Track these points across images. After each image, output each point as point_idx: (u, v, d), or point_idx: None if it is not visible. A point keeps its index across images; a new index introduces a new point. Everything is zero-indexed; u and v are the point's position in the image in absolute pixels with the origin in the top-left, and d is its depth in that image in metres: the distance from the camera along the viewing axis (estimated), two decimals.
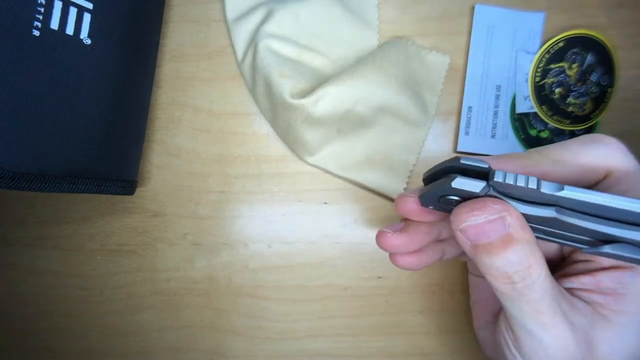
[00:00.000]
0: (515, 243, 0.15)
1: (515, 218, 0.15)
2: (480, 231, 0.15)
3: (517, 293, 0.16)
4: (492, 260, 0.16)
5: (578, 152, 0.16)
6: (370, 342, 0.32)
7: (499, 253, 0.16)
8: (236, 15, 0.32)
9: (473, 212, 0.15)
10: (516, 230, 0.15)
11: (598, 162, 0.16)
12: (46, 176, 0.24)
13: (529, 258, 0.15)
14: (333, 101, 0.29)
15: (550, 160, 0.16)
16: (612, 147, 0.16)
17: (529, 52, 0.31)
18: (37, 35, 0.23)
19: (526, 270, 0.16)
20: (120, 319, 0.33)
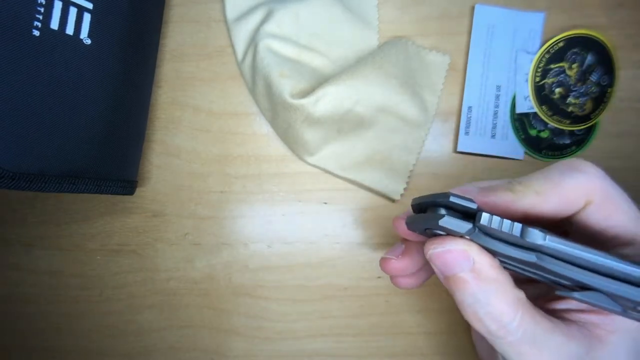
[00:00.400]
0: (481, 281, 0.16)
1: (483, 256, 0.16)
2: (444, 261, 0.16)
3: (493, 336, 0.16)
4: (462, 297, 0.16)
5: (558, 183, 0.16)
6: (370, 342, 0.32)
7: (465, 289, 0.16)
8: (236, 15, 0.32)
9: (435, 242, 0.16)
10: (483, 268, 0.16)
11: (577, 192, 0.16)
12: (46, 176, 0.24)
13: (499, 302, 0.16)
14: (333, 101, 0.29)
15: (534, 192, 0.16)
16: (590, 175, 0.17)
17: (529, 52, 0.31)
18: (37, 35, 0.23)
19: (498, 315, 0.16)
20: (120, 319, 0.33)
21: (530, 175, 0.17)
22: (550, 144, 0.31)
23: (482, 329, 0.16)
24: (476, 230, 0.16)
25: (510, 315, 0.16)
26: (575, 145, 0.31)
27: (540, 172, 0.17)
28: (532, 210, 0.16)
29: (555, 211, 0.17)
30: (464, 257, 0.16)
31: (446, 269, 0.16)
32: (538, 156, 0.31)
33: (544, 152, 0.31)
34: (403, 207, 0.32)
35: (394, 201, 0.32)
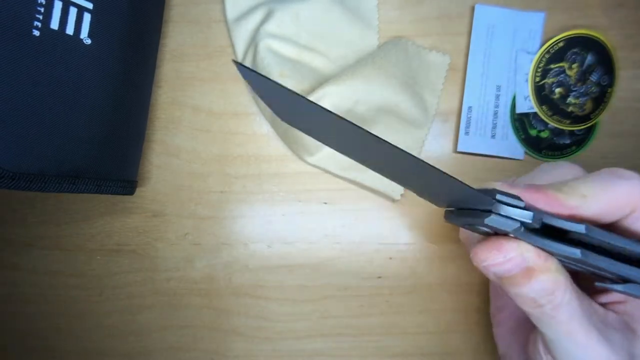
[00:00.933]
0: (537, 274, 0.16)
1: (533, 253, 0.16)
2: (500, 269, 0.17)
3: (547, 316, 0.17)
4: (517, 290, 0.17)
5: (605, 188, 0.17)
6: (370, 342, 0.32)
7: (523, 284, 0.17)
8: (236, 15, 0.32)
9: (491, 252, 0.17)
10: (536, 263, 0.16)
11: (624, 198, 0.17)
12: (46, 176, 0.24)
13: (552, 285, 0.17)
14: (333, 101, 0.29)
15: (580, 195, 0.17)
16: (633, 182, 0.17)
17: (529, 52, 0.31)
18: (37, 35, 0.23)
19: (552, 295, 0.17)
20: (120, 319, 0.33)
21: (573, 179, 0.18)
22: (550, 144, 0.31)
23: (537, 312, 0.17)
24: (522, 229, 0.16)
25: (561, 295, 0.17)
26: (575, 145, 0.31)
27: (584, 177, 0.18)
28: (576, 211, 0.17)
29: (599, 215, 0.17)
30: (520, 261, 0.16)
31: (503, 274, 0.17)
32: (538, 156, 0.31)
33: (544, 152, 0.31)
34: (403, 206, 0.32)
35: (394, 201, 0.32)
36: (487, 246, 0.17)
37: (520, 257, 0.16)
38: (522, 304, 0.18)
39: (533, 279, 0.17)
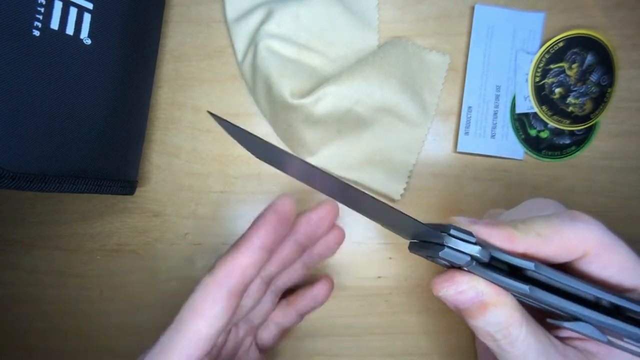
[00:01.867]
0: (491, 308, 0.17)
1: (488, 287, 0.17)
2: (455, 300, 0.17)
3: (503, 350, 0.18)
4: (473, 322, 0.18)
5: (559, 229, 0.17)
6: (370, 342, 0.32)
7: (477, 317, 0.17)
8: (236, 16, 0.32)
9: (445, 285, 0.18)
10: (490, 297, 0.17)
11: (577, 241, 0.17)
12: (46, 176, 0.24)
13: (507, 319, 0.17)
14: (333, 101, 0.29)
15: (535, 233, 0.17)
16: (590, 226, 0.18)
17: (529, 52, 0.31)
18: (37, 36, 0.23)
19: (506, 330, 0.17)
20: (120, 319, 0.33)
21: (532, 218, 0.18)
22: (550, 144, 0.31)
23: (493, 345, 0.18)
24: (474, 263, 0.17)
25: (517, 330, 0.17)
26: (575, 145, 0.31)
27: (541, 217, 0.18)
28: (530, 250, 0.17)
29: (553, 256, 0.17)
30: (473, 293, 0.17)
31: (458, 305, 0.18)
32: (538, 156, 0.31)
33: (544, 152, 0.31)
34: (403, 206, 0.32)
35: (394, 201, 0.32)
36: (442, 278, 0.18)
37: (474, 291, 0.17)
38: (480, 337, 0.18)
39: (487, 312, 0.17)
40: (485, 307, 0.17)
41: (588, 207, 0.31)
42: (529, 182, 0.32)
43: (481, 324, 0.17)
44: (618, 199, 0.31)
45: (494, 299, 0.17)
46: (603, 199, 0.31)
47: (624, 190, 0.31)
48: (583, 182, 0.31)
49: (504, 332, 0.17)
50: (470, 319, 0.18)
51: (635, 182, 0.31)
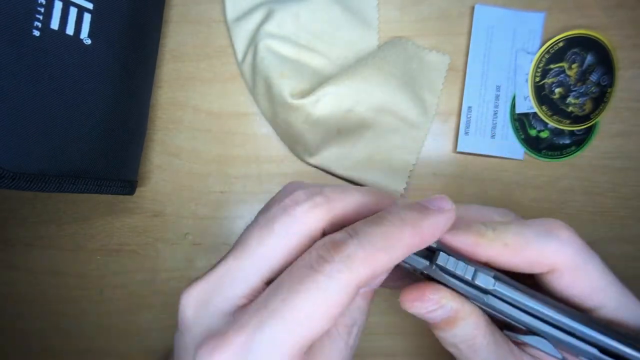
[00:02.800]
0: (459, 321, 0.17)
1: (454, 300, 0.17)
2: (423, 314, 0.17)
3: (464, 357, 0.18)
4: (441, 334, 0.18)
5: (529, 243, 0.17)
6: (370, 342, 0.32)
7: (444, 329, 0.17)
8: (236, 15, 0.32)
9: (414, 303, 0.17)
10: (458, 312, 0.17)
11: (546, 257, 0.17)
12: (46, 176, 0.24)
13: (473, 331, 0.17)
14: (333, 101, 0.29)
15: (502, 244, 0.17)
16: (563, 246, 0.17)
17: (529, 52, 0.31)
18: (37, 36, 0.23)
19: (471, 340, 0.17)
20: (120, 319, 0.33)
21: (507, 225, 0.17)
22: (550, 144, 0.31)
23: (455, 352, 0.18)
24: (433, 267, 0.16)
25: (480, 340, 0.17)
26: (575, 146, 0.31)
27: (517, 226, 0.17)
28: (497, 260, 0.17)
29: (520, 267, 0.17)
30: (443, 312, 0.17)
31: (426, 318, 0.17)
32: (538, 156, 0.31)
33: (544, 152, 0.31)
34: None
35: None
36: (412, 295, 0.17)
37: (443, 310, 0.17)
38: (443, 344, 0.18)
39: (456, 326, 0.17)
40: (454, 322, 0.17)
41: (588, 207, 0.31)
42: (529, 182, 0.32)
43: (448, 335, 0.17)
44: (618, 199, 0.31)
45: (461, 313, 0.17)
46: (603, 199, 0.31)
47: (624, 190, 0.31)
48: (583, 182, 0.31)
49: (468, 342, 0.17)
50: (438, 331, 0.18)
51: (635, 182, 0.31)
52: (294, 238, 0.15)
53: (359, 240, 0.14)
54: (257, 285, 0.15)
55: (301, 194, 0.16)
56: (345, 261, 0.13)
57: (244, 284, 0.15)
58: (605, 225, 0.31)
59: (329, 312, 0.13)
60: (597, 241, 0.31)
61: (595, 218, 0.31)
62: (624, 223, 0.31)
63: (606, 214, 0.31)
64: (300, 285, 0.13)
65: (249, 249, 0.16)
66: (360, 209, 0.16)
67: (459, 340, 0.17)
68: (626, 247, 0.31)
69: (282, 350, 0.13)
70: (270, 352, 0.13)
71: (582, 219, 0.31)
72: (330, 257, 0.14)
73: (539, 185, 0.32)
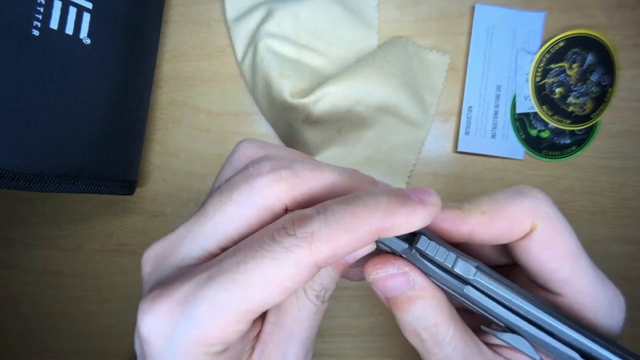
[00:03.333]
0: (419, 300, 0.16)
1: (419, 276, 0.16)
2: (385, 285, 0.16)
3: (426, 351, 0.17)
4: (401, 315, 0.16)
5: (504, 204, 0.16)
6: (370, 342, 0.32)
7: (404, 308, 0.16)
8: (236, 15, 0.32)
9: (376, 267, 0.16)
10: (422, 288, 0.16)
11: (523, 214, 0.16)
12: (46, 176, 0.24)
13: (436, 316, 0.16)
14: (333, 101, 0.29)
15: (480, 212, 0.16)
16: (537, 200, 0.16)
17: (529, 52, 0.31)
18: (37, 35, 0.23)
19: (433, 328, 0.16)
20: (119, 319, 0.33)
21: (479, 196, 0.17)
22: (551, 144, 0.31)
23: (418, 344, 0.17)
24: (413, 251, 0.16)
25: (444, 330, 0.16)
26: (575, 145, 0.31)
27: (488, 195, 0.17)
28: (477, 230, 0.16)
29: (500, 233, 0.16)
30: (405, 280, 0.16)
31: (387, 292, 0.16)
32: (538, 156, 0.31)
33: (545, 152, 0.31)
34: None
35: None
36: (375, 260, 0.16)
37: (404, 277, 0.16)
38: (407, 335, 0.17)
39: (415, 304, 0.16)
40: (414, 298, 0.16)
41: (588, 207, 0.31)
42: (529, 182, 0.32)
43: (408, 318, 0.16)
44: (618, 199, 0.31)
45: (423, 290, 0.16)
46: (603, 199, 0.31)
47: (624, 190, 0.31)
48: (583, 182, 0.31)
49: (431, 330, 0.16)
50: (398, 311, 0.16)
51: (635, 182, 0.31)
52: (253, 209, 0.15)
53: (326, 218, 0.13)
54: (212, 249, 0.15)
55: (267, 164, 0.15)
56: (307, 238, 0.13)
57: (199, 246, 0.15)
58: (605, 225, 0.31)
59: (282, 285, 0.13)
60: (597, 241, 0.31)
61: (595, 218, 0.31)
62: (624, 223, 0.31)
63: (606, 214, 0.31)
64: (256, 252, 0.13)
65: (207, 214, 0.16)
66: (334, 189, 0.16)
67: (420, 326, 0.16)
68: (626, 247, 0.31)
69: (224, 310, 0.13)
70: (211, 309, 0.13)
71: (582, 219, 0.31)
72: (292, 230, 0.13)
73: (539, 185, 0.32)
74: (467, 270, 0.15)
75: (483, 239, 0.17)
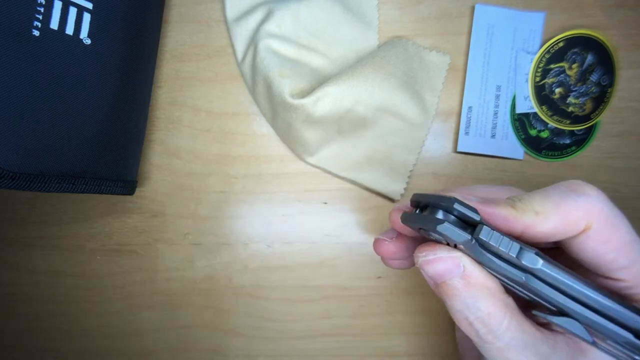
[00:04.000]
0: (471, 287, 0.16)
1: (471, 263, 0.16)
2: (435, 269, 0.16)
3: (482, 340, 0.16)
4: (452, 303, 0.16)
5: (559, 204, 0.16)
6: (370, 342, 0.32)
7: (455, 295, 0.16)
8: (236, 15, 0.32)
9: (425, 249, 0.16)
10: (472, 274, 0.16)
11: (578, 214, 0.16)
12: (46, 176, 0.24)
13: (488, 305, 0.16)
14: (333, 101, 0.29)
15: (533, 212, 0.16)
16: (593, 198, 0.16)
17: (529, 52, 0.31)
18: (37, 35, 0.23)
19: (487, 318, 0.16)
20: (120, 319, 0.33)
21: (531, 193, 0.17)
22: (551, 144, 0.31)
23: (472, 334, 0.17)
24: (473, 242, 0.15)
25: (498, 320, 0.16)
26: (575, 145, 0.31)
27: (540, 192, 0.17)
28: (530, 229, 0.16)
29: (553, 232, 0.16)
30: (455, 264, 0.16)
31: (436, 277, 0.16)
32: (538, 156, 0.31)
33: (544, 152, 0.31)
34: None
35: (394, 201, 0.32)
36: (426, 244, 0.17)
37: (453, 261, 0.16)
38: (459, 323, 0.17)
39: (466, 292, 0.16)
40: (465, 285, 0.16)
41: None
42: (529, 182, 0.32)
43: (459, 306, 0.16)
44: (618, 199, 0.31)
45: (475, 278, 0.16)
46: None
47: (624, 190, 0.31)
48: None
49: (484, 320, 0.16)
50: (448, 299, 0.16)
51: (635, 182, 0.31)
52: None
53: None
54: None
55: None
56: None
57: None
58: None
59: None
60: None
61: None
62: None
63: None
64: None
65: None
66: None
67: (472, 315, 0.16)
68: None
69: None
70: None
71: None
72: None
73: (539, 185, 0.31)
74: (534, 260, 0.15)
75: (535, 237, 0.16)
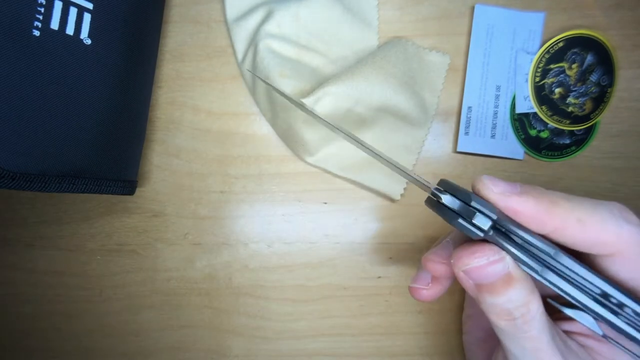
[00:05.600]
0: (515, 282, 0.16)
1: (511, 259, 0.16)
2: (483, 273, 0.16)
3: (518, 329, 0.17)
4: (494, 299, 0.17)
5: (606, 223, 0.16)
6: (370, 342, 0.32)
7: (501, 292, 0.16)
8: (236, 16, 0.32)
9: (475, 255, 0.16)
10: (515, 270, 0.16)
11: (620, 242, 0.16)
12: (46, 176, 0.24)
13: (527, 294, 0.16)
14: (333, 101, 0.29)
15: (575, 218, 0.16)
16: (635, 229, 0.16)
17: (528, 52, 0.31)
18: (37, 36, 0.23)
19: (525, 307, 0.16)
20: (120, 319, 0.33)
21: (579, 198, 0.17)
22: (550, 144, 0.31)
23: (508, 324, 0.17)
24: (491, 232, 0.16)
25: (535, 307, 0.16)
26: (575, 146, 0.31)
27: (590, 202, 0.17)
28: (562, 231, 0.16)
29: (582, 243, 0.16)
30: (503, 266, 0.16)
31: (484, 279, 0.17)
32: (538, 156, 0.31)
33: (544, 152, 0.31)
34: (403, 207, 0.32)
35: (394, 201, 0.32)
36: (470, 249, 0.17)
37: (502, 263, 0.16)
38: (494, 316, 0.17)
39: (511, 287, 0.16)
40: (510, 280, 0.16)
41: None
42: (529, 182, 0.32)
43: (502, 300, 0.16)
44: (618, 199, 0.31)
45: (517, 273, 0.16)
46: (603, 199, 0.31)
47: (624, 190, 0.31)
48: (583, 182, 0.31)
49: (523, 309, 0.16)
50: (492, 296, 0.17)
51: (635, 182, 0.31)
52: None
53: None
54: None
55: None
56: None
57: None
58: None
59: None
60: None
61: None
62: None
63: None
64: None
65: None
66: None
67: (514, 305, 0.16)
68: None
69: None
70: None
71: None
72: None
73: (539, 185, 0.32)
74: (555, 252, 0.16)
75: (559, 239, 0.17)
